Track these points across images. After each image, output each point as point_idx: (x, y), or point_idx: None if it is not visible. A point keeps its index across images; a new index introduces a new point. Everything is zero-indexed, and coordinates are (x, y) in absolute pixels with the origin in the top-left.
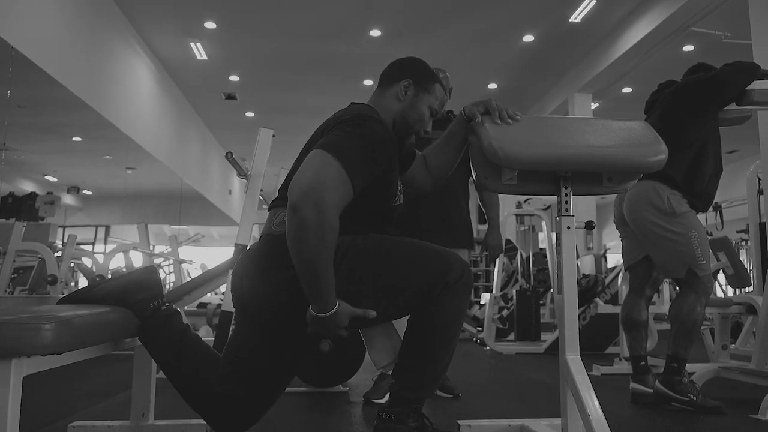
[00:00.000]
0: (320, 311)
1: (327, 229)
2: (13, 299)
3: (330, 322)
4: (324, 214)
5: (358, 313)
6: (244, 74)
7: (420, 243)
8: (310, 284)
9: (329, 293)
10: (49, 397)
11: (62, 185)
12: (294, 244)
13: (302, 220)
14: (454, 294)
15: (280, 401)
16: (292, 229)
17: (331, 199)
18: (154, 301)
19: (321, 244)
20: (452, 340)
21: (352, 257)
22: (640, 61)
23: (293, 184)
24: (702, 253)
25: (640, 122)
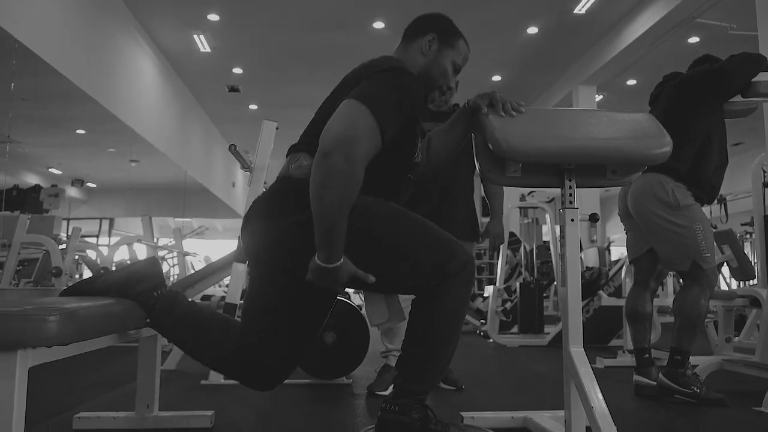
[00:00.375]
0: (325, 261)
1: (353, 180)
2: (18, 291)
3: (331, 274)
4: (353, 165)
5: (359, 274)
6: (248, 67)
7: (431, 226)
8: (324, 232)
9: (338, 245)
10: (55, 388)
11: (66, 178)
12: (317, 190)
13: (332, 167)
14: (455, 286)
15: (284, 393)
16: (318, 175)
17: (362, 150)
18: (156, 290)
19: (344, 193)
20: (454, 332)
21: (367, 218)
22: (645, 53)
23: (326, 131)
24: (706, 245)
25: (644, 114)
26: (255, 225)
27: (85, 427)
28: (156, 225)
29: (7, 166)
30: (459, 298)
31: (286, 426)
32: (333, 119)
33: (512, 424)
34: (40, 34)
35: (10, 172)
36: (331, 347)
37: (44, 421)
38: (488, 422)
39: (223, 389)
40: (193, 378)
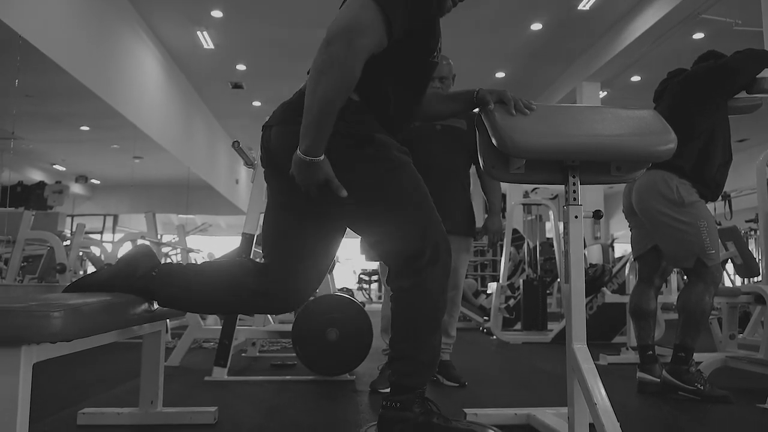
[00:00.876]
0: (306, 152)
1: (352, 71)
2: (22, 287)
3: (310, 168)
4: (354, 55)
5: (334, 182)
6: (251, 63)
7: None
8: (312, 120)
9: (321, 138)
10: (59, 384)
11: (70, 174)
12: (314, 75)
13: (332, 56)
14: (432, 275)
15: (288, 389)
16: (318, 62)
17: (365, 42)
18: (154, 269)
19: (341, 83)
20: (437, 321)
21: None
22: (650, 49)
23: (333, 22)
24: (711, 242)
25: (649, 111)
26: (272, 131)
27: (90, 423)
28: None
29: (11, 162)
30: (438, 286)
31: (290, 422)
32: (341, 10)
33: (515, 420)
34: (44, 31)
35: (15, 168)
36: (334, 344)
37: (48, 416)
38: (491, 419)
39: (226, 385)
40: (196, 374)
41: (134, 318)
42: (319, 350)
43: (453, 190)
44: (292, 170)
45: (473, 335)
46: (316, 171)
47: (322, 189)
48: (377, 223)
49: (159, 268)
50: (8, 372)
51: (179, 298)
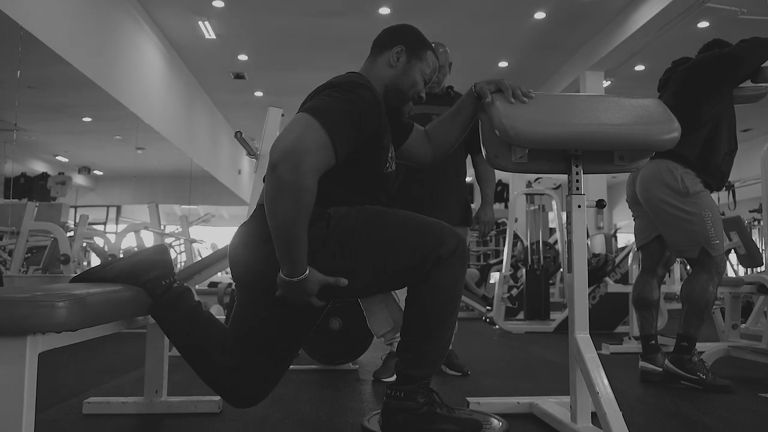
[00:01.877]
0: (289, 275)
1: (304, 192)
2: (27, 278)
3: (299, 287)
4: (302, 176)
5: (329, 281)
6: (253, 53)
7: (413, 216)
8: (282, 246)
9: (300, 258)
10: (65, 374)
11: (73, 165)
12: (270, 203)
13: (279, 180)
14: (448, 268)
15: (291, 378)
16: (269, 189)
17: (311, 162)
18: (165, 279)
19: (297, 205)
20: (451, 314)
21: (343, 229)
22: (654, 38)
23: (275, 144)
24: (715, 232)
25: (652, 100)
26: (237, 254)
27: (95, 412)
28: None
29: (14, 153)
30: (453, 279)
31: (293, 410)
32: (282, 133)
33: (518, 409)
34: (45, 22)
35: (18, 159)
36: (337, 333)
37: (54, 405)
38: (494, 407)
39: None
40: None
41: (138, 309)
42: (322, 339)
43: (448, 180)
44: (281, 293)
45: (476, 325)
46: (308, 285)
47: (321, 293)
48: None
49: (174, 278)
50: (14, 361)
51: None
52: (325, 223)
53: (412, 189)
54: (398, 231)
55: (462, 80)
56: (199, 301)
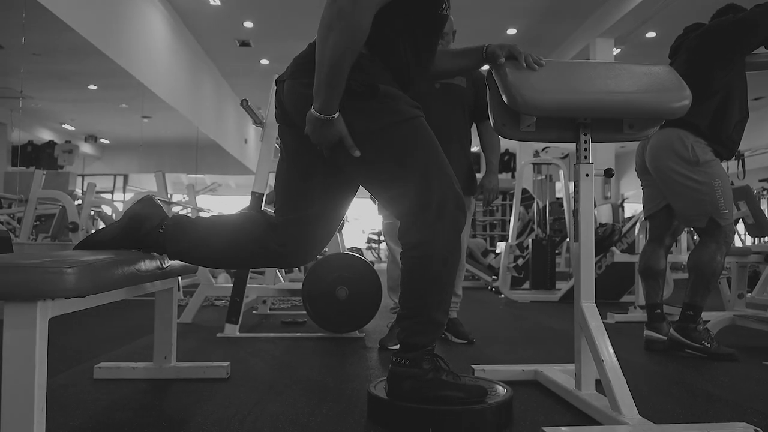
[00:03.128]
0: (320, 110)
1: (359, 28)
2: (36, 246)
3: (324, 126)
4: (362, 9)
5: (348, 140)
6: (259, 20)
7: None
8: (324, 78)
9: (335, 95)
10: (75, 340)
11: (80, 134)
12: (322, 32)
13: (339, 9)
14: (441, 231)
15: (298, 345)
16: (326, 17)
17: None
18: (161, 227)
19: (348, 38)
20: (447, 279)
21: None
22: (665, 3)
23: None
24: (725, 202)
25: (663, 67)
26: (285, 85)
27: (106, 377)
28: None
29: (20, 122)
30: (448, 243)
31: (301, 377)
32: None
33: (523, 376)
34: None
35: (24, 127)
36: (344, 302)
37: (66, 370)
38: (499, 375)
39: (238, 342)
40: (208, 331)
41: (147, 275)
42: (329, 308)
43: (452, 148)
44: (306, 128)
45: (482, 294)
46: (330, 129)
47: (336, 147)
48: (386, 179)
49: (167, 221)
50: (25, 326)
51: (189, 252)
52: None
53: None
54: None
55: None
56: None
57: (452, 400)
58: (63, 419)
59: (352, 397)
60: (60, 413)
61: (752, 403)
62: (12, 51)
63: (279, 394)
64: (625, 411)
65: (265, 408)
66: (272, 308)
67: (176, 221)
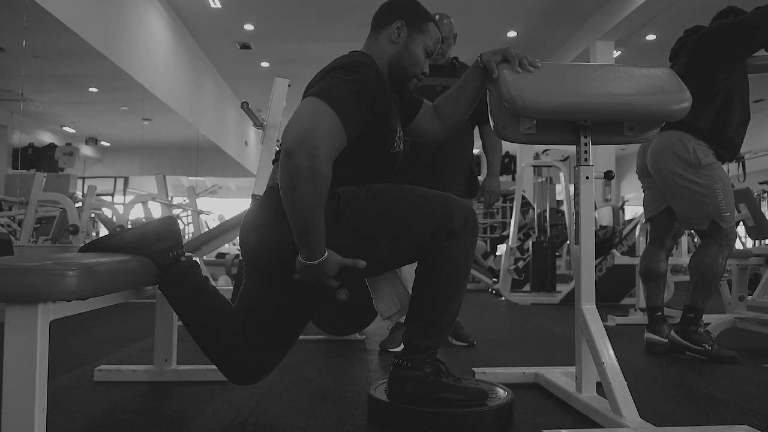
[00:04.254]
0: (309, 259)
1: (320, 177)
2: (37, 248)
3: (318, 270)
4: (317, 162)
5: (347, 262)
6: (259, 23)
7: (422, 190)
8: (301, 232)
9: (319, 241)
10: (76, 343)
11: (80, 136)
12: (286, 191)
13: (296, 167)
14: (459, 240)
15: (299, 348)
16: (285, 177)
17: (325, 147)
18: (173, 250)
19: (313, 191)
20: (461, 286)
21: (354, 209)
22: (666, 6)
23: (287, 130)
24: (726, 205)
25: (663, 69)
26: (249, 235)
27: (106, 379)
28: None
29: (21, 124)
30: (464, 251)
31: (301, 379)
32: (293, 118)
33: (523, 379)
34: None
35: (25, 130)
36: (344, 304)
37: (66, 373)
38: (499, 377)
39: None
40: None
41: (148, 278)
42: (329, 310)
43: (452, 150)
44: (300, 276)
45: (482, 296)
46: (328, 268)
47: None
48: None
49: (179, 251)
50: (26, 329)
51: (176, 299)
52: (335, 202)
53: (416, 160)
54: (409, 206)
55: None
56: (206, 276)
57: (453, 403)
58: (63, 422)
59: (353, 399)
60: (60, 416)
61: (753, 405)
62: (13, 53)
63: (279, 397)
64: (626, 414)
65: (265, 410)
66: None
67: (190, 264)
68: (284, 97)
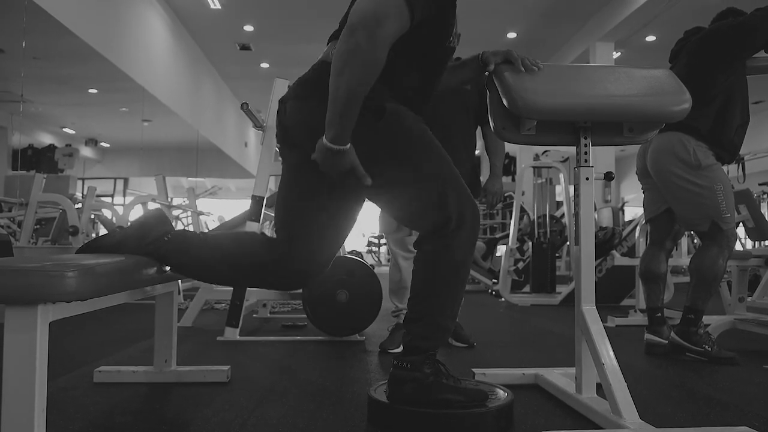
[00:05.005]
0: (332, 141)
1: (374, 62)
2: (36, 249)
3: (335, 156)
4: (377, 45)
5: (359, 170)
6: (259, 24)
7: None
8: (336, 110)
9: (347, 127)
10: (76, 344)
11: (80, 138)
12: (338, 64)
13: (356, 45)
14: (457, 239)
15: (298, 349)
16: (341, 50)
17: (388, 29)
18: (166, 236)
19: (363, 73)
20: (459, 286)
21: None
22: (666, 7)
23: (356, 6)
24: (727, 206)
25: (663, 70)
26: (287, 105)
27: (106, 381)
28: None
29: (21, 125)
30: (463, 250)
31: (301, 380)
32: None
33: (523, 380)
34: None
35: (25, 131)
36: (344, 306)
37: (66, 374)
38: (499, 378)
39: (238, 345)
40: (208, 335)
41: (147, 279)
42: (329, 311)
43: (456, 151)
44: (316, 157)
45: (482, 297)
46: (342, 159)
47: (347, 175)
48: (402, 198)
49: (172, 234)
50: (26, 330)
51: (191, 267)
52: (376, 114)
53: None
54: (436, 176)
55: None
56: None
57: (453, 404)
58: (63, 423)
59: (353, 400)
60: (60, 417)
61: (753, 406)
62: (13, 55)
63: (279, 398)
64: (626, 415)
65: (266, 412)
66: (272, 312)
67: (182, 234)
68: None
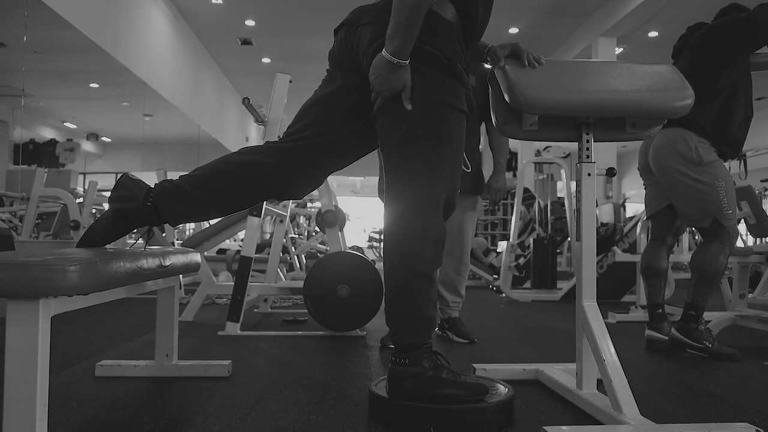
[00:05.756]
0: (396, 53)
1: None
2: (38, 244)
3: (394, 71)
4: None
5: (408, 92)
6: (260, 18)
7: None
8: (402, 20)
9: (409, 41)
10: (77, 338)
11: (81, 132)
12: None
13: None
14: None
15: (299, 344)
16: None
17: None
18: (148, 200)
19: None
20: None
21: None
22: (669, 3)
23: None
24: (728, 202)
25: (666, 66)
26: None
27: (107, 375)
28: None
29: (22, 120)
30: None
31: (302, 375)
32: None
33: (524, 376)
34: None
35: (26, 125)
36: (345, 301)
37: (67, 368)
38: (500, 374)
39: (239, 340)
40: (210, 329)
41: (148, 273)
42: (330, 306)
43: None
44: (371, 74)
45: (483, 293)
46: (398, 74)
47: (392, 98)
48: (411, 152)
49: (153, 194)
50: (28, 324)
51: (186, 210)
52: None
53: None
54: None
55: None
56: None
57: (453, 399)
58: (64, 416)
59: (354, 395)
60: (61, 411)
61: (754, 403)
62: (14, 49)
63: (280, 393)
64: (627, 411)
65: (267, 406)
66: (273, 306)
67: (160, 189)
68: (285, 94)
